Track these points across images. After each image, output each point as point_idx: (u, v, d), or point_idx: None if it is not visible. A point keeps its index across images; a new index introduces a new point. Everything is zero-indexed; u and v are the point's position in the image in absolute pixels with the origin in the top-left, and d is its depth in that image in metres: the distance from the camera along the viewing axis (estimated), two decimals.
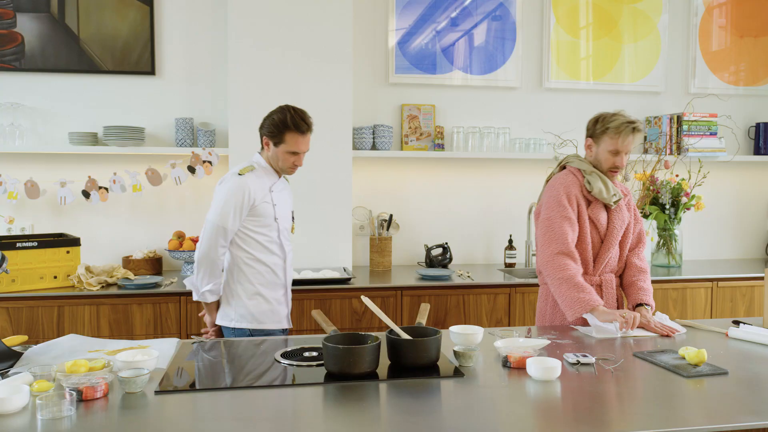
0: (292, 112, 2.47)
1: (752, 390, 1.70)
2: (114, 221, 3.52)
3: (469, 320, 3.23)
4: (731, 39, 4.17)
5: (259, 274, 2.51)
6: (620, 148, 2.34)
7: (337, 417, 1.53)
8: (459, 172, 3.87)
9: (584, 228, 2.38)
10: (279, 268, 2.56)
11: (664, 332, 2.24)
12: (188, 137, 3.47)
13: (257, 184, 2.47)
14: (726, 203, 4.24)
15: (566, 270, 2.28)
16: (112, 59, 3.46)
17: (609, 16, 3.99)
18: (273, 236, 2.52)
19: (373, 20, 3.75)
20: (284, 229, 2.57)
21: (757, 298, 3.56)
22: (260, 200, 2.46)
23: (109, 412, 1.53)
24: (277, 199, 2.53)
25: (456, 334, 2.04)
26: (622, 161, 2.37)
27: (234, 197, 2.42)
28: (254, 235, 2.49)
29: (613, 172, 2.40)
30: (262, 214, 2.47)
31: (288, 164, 2.52)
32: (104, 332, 2.96)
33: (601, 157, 2.40)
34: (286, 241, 2.58)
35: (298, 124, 2.46)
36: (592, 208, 2.40)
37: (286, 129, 2.45)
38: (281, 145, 2.48)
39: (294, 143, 2.47)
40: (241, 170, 2.49)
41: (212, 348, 2.10)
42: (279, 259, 2.55)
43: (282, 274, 2.57)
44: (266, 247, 2.51)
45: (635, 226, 2.52)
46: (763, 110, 4.26)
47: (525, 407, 1.58)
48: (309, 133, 2.51)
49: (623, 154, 2.35)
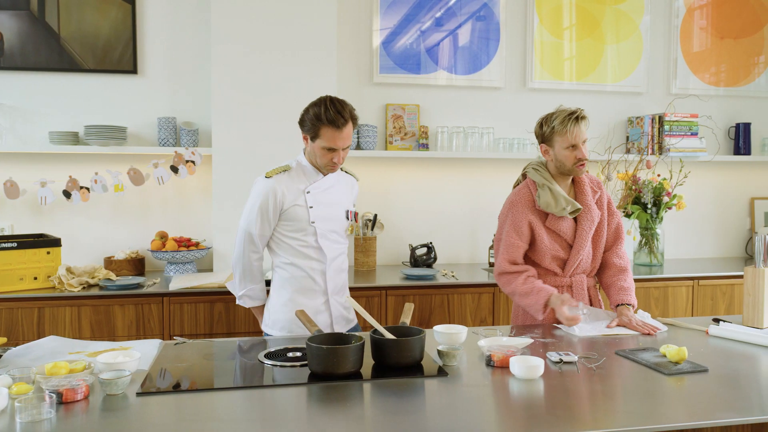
0: (328, 104, 2.24)
1: (732, 387, 1.72)
2: (96, 221, 3.48)
3: (454, 320, 3.24)
4: (712, 40, 4.22)
5: (294, 280, 2.35)
6: (573, 140, 2.29)
7: (321, 417, 1.53)
8: (443, 171, 3.88)
9: (543, 240, 2.36)
10: (317, 273, 2.35)
11: (645, 330, 2.26)
12: (171, 137, 3.44)
13: (287, 187, 2.31)
14: (707, 203, 4.29)
15: (508, 285, 2.38)
16: (94, 58, 3.42)
17: (592, 17, 4.02)
18: (309, 241, 2.33)
19: (357, 20, 3.74)
20: (327, 233, 2.35)
21: (737, 296, 3.61)
22: (290, 203, 2.30)
23: (89, 414, 1.51)
24: (315, 201, 2.34)
25: (440, 333, 2.04)
26: (582, 153, 2.30)
27: (258, 202, 2.30)
28: (287, 240, 2.34)
29: (579, 166, 2.32)
30: (293, 218, 2.31)
31: (326, 161, 2.30)
32: (85, 334, 2.93)
33: (560, 157, 2.34)
34: (329, 245, 2.36)
35: (334, 118, 2.22)
36: (551, 219, 2.37)
37: (321, 123, 2.24)
38: (317, 141, 2.27)
39: (330, 139, 2.25)
40: (268, 172, 2.35)
41: (195, 349, 2.08)
42: (318, 264, 2.35)
43: (322, 281, 2.36)
44: (301, 252, 2.34)
45: (611, 222, 2.46)
46: (743, 111, 4.32)
47: (508, 406, 1.59)
48: (347, 127, 2.26)
49: (580, 145, 2.30)
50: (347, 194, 2.48)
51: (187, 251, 3.31)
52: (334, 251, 2.39)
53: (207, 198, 3.57)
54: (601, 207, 2.45)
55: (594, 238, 2.44)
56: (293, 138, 3.41)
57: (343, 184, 2.47)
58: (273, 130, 3.39)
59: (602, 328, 2.28)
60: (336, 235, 2.40)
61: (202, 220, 3.60)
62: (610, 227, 2.48)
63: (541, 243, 2.38)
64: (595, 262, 2.47)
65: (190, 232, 3.58)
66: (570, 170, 2.36)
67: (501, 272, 2.41)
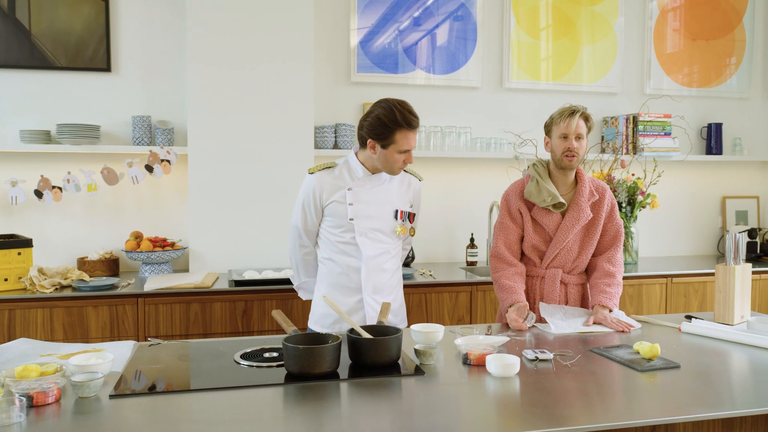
0: (398, 106, 2.23)
1: (703, 382, 1.75)
2: (68, 221, 3.43)
3: (431, 318, 3.25)
4: (684, 42, 4.29)
5: (331, 275, 2.39)
6: (565, 131, 2.38)
7: (297, 417, 1.52)
8: (421, 171, 3.88)
9: (527, 229, 2.49)
10: (353, 271, 2.35)
11: (620, 328, 2.29)
12: (146, 135, 3.40)
13: (329, 182, 2.33)
14: (680, 202, 4.36)
15: (495, 272, 2.51)
16: (66, 55, 3.37)
17: (567, 17, 4.06)
18: (347, 237, 2.34)
19: (334, 19, 3.73)
20: (367, 231, 2.34)
21: (709, 294, 3.67)
22: (330, 199, 2.33)
23: (61, 417, 1.48)
24: (356, 198, 2.32)
25: (417, 332, 2.05)
26: (571, 143, 2.37)
27: (302, 196, 2.39)
28: (328, 235, 2.38)
29: (567, 157, 2.38)
30: (333, 213, 2.34)
31: (399, 164, 2.28)
32: (58, 336, 2.88)
33: (554, 146, 2.43)
34: (368, 243, 2.34)
35: (409, 120, 2.21)
36: (536, 211, 2.47)
37: (397, 126, 2.20)
38: (391, 146, 2.23)
39: (405, 141, 2.23)
40: (311, 168, 2.38)
41: (170, 350, 2.06)
42: (354, 260, 2.35)
43: (356, 278, 2.35)
44: (339, 248, 2.36)
45: (609, 228, 2.51)
46: (715, 111, 4.39)
47: (484, 403, 1.60)
48: (419, 126, 2.28)
49: (572, 137, 2.37)
50: (401, 194, 2.43)
51: (163, 251, 3.27)
52: (374, 250, 2.36)
53: (183, 197, 3.53)
54: (599, 211, 2.48)
55: (582, 239, 2.48)
56: (269, 136, 3.40)
57: (397, 184, 2.42)
58: (249, 128, 3.37)
59: (578, 326, 2.30)
60: (380, 234, 2.37)
61: (178, 219, 3.56)
62: (608, 233, 2.52)
63: (525, 232, 2.50)
64: (580, 261, 2.50)
65: (166, 232, 3.54)
66: (560, 160, 2.42)
67: (495, 255, 2.53)
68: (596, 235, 2.49)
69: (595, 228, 2.48)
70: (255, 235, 3.42)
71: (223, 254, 3.39)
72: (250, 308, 3.04)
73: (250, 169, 3.39)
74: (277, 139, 3.41)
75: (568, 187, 2.49)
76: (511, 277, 2.44)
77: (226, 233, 3.39)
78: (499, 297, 2.46)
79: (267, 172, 3.40)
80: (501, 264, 2.49)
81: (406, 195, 2.44)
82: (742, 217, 4.42)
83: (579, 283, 2.54)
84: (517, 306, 2.36)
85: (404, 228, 2.41)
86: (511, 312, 2.34)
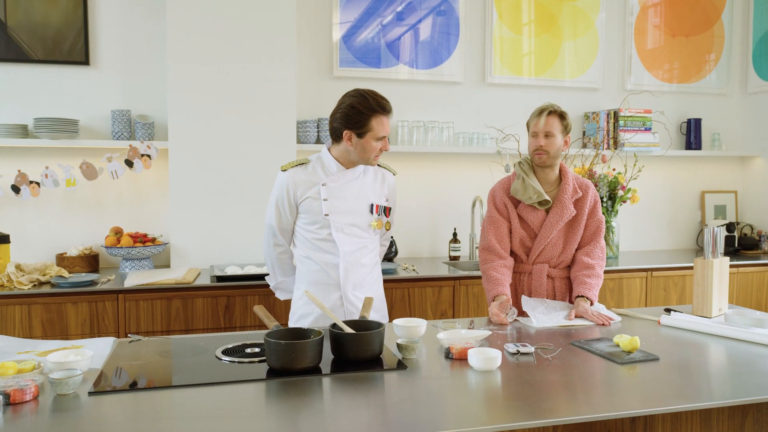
0: (370, 93, 2.23)
1: (682, 374, 1.77)
2: (47, 217, 3.38)
3: (414, 313, 3.25)
4: (665, 38, 4.33)
5: (309, 273, 2.37)
6: (535, 128, 2.45)
7: (279, 413, 1.51)
8: (404, 166, 3.88)
9: (514, 225, 2.53)
10: (332, 267, 2.34)
11: (600, 321, 2.31)
12: (125, 130, 3.36)
13: (303, 179, 2.31)
14: (660, 196, 4.40)
15: (484, 263, 2.54)
16: (43, 48, 3.31)
17: (549, 13, 4.08)
18: (323, 234, 2.32)
19: (316, 13, 3.71)
20: (344, 226, 2.32)
21: (689, 287, 3.72)
22: (304, 195, 2.31)
23: (39, 415, 1.46)
24: (330, 194, 2.30)
25: (399, 327, 2.05)
26: (539, 141, 2.43)
27: (275, 194, 2.36)
28: (304, 232, 2.36)
29: (537, 154, 2.45)
30: (308, 210, 2.32)
31: (375, 152, 2.27)
32: (36, 333, 2.84)
33: (528, 145, 2.50)
34: (344, 238, 2.33)
35: (383, 104, 2.23)
36: (522, 208, 2.52)
37: (372, 113, 2.21)
38: (368, 134, 2.23)
39: (381, 127, 2.23)
40: (283, 165, 2.35)
41: (151, 346, 2.04)
42: (332, 257, 2.33)
43: (336, 275, 2.34)
44: (316, 245, 2.34)
45: (590, 223, 2.54)
46: (694, 107, 4.44)
47: (466, 397, 1.60)
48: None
49: (541, 135, 2.43)
50: (376, 188, 2.42)
51: (143, 247, 3.24)
52: (351, 245, 2.34)
53: (163, 192, 3.50)
54: (582, 207, 2.52)
55: (567, 234, 2.52)
56: (251, 131, 3.38)
57: (371, 178, 2.41)
58: (231, 123, 3.34)
59: (559, 320, 2.32)
60: (356, 229, 2.35)
61: (159, 215, 3.52)
62: (589, 228, 2.55)
63: (514, 226, 2.54)
64: (564, 256, 2.54)
65: (147, 227, 3.51)
66: (532, 158, 2.49)
67: (485, 247, 2.55)
68: (580, 230, 2.53)
69: (578, 224, 2.52)
70: (237, 230, 3.39)
71: (205, 250, 3.37)
72: (232, 304, 3.02)
73: (232, 163, 3.36)
74: (260, 134, 3.39)
75: (553, 184, 2.53)
76: (499, 269, 2.48)
77: (207, 228, 3.36)
78: (485, 288, 2.50)
79: (249, 167, 3.38)
80: (491, 256, 2.52)
81: (381, 189, 2.43)
82: (721, 211, 4.48)
83: (565, 276, 2.58)
84: (499, 300, 2.39)
85: (380, 222, 2.40)
86: (493, 306, 2.36)
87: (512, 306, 2.40)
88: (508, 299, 2.39)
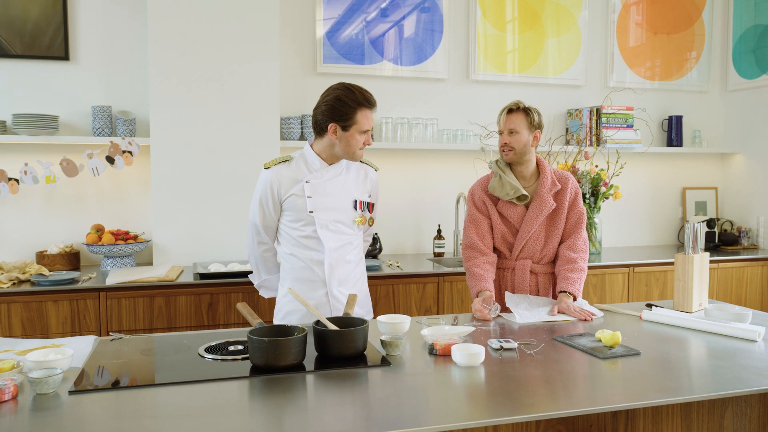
0: (356, 86, 2.25)
1: (663, 369, 1.79)
2: (26, 214, 3.33)
3: (399, 309, 3.26)
4: (646, 35, 4.36)
5: (294, 270, 2.36)
6: (500, 127, 2.53)
7: (263, 410, 1.51)
8: (388, 162, 3.88)
9: (496, 221, 2.55)
10: (316, 264, 2.33)
11: (582, 317, 2.33)
12: (106, 126, 3.32)
13: (286, 176, 2.30)
14: (641, 193, 4.45)
15: (468, 260, 2.56)
16: (21, 43, 3.26)
17: (533, 10, 4.09)
18: (307, 231, 2.31)
19: (300, 9, 3.70)
20: (328, 222, 2.32)
21: (670, 282, 3.76)
22: (288, 193, 2.30)
23: (18, 414, 1.44)
24: (314, 191, 2.30)
25: (383, 323, 2.05)
26: (503, 140, 2.50)
27: (259, 192, 2.35)
28: (288, 230, 2.35)
29: (503, 151, 2.51)
30: (292, 207, 2.31)
31: (359, 146, 2.28)
32: (16, 332, 2.80)
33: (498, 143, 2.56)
34: (329, 235, 2.32)
35: (368, 97, 2.25)
36: (501, 204, 2.54)
37: (358, 105, 2.21)
38: (353, 127, 2.23)
39: (366, 121, 2.24)
40: (267, 163, 2.34)
41: (133, 344, 2.02)
42: (316, 254, 2.33)
43: (320, 271, 2.33)
44: (300, 242, 2.33)
45: (571, 216, 2.54)
46: (676, 104, 4.49)
47: (450, 393, 1.61)
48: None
49: (505, 133, 2.49)
50: (359, 184, 2.41)
51: (125, 245, 3.21)
52: (336, 241, 2.34)
53: (145, 189, 3.47)
54: (561, 200, 2.53)
55: (548, 228, 2.53)
56: (235, 127, 3.35)
57: (354, 174, 2.41)
58: (214, 119, 3.32)
59: (542, 315, 2.34)
60: (341, 225, 2.35)
61: (141, 212, 3.49)
62: (570, 219, 2.56)
63: (493, 225, 2.56)
64: (547, 250, 2.55)
65: (128, 224, 3.47)
66: (500, 155, 2.55)
67: (468, 245, 2.57)
68: (561, 223, 2.53)
69: (559, 217, 2.53)
70: (220, 228, 3.37)
71: (188, 247, 3.34)
72: (215, 301, 3.01)
73: (215, 160, 3.34)
74: (243, 130, 3.37)
75: (530, 179, 2.54)
76: (482, 265, 2.49)
77: (190, 225, 3.34)
78: (469, 285, 2.51)
79: (232, 164, 3.36)
80: (474, 253, 2.54)
81: (363, 185, 2.43)
82: (702, 207, 4.54)
83: (549, 272, 2.59)
84: (482, 296, 2.40)
85: (363, 218, 2.41)
86: (476, 302, 2.37)
87: (495, 302, 2.42)
88: (491, 295, 2.40)
